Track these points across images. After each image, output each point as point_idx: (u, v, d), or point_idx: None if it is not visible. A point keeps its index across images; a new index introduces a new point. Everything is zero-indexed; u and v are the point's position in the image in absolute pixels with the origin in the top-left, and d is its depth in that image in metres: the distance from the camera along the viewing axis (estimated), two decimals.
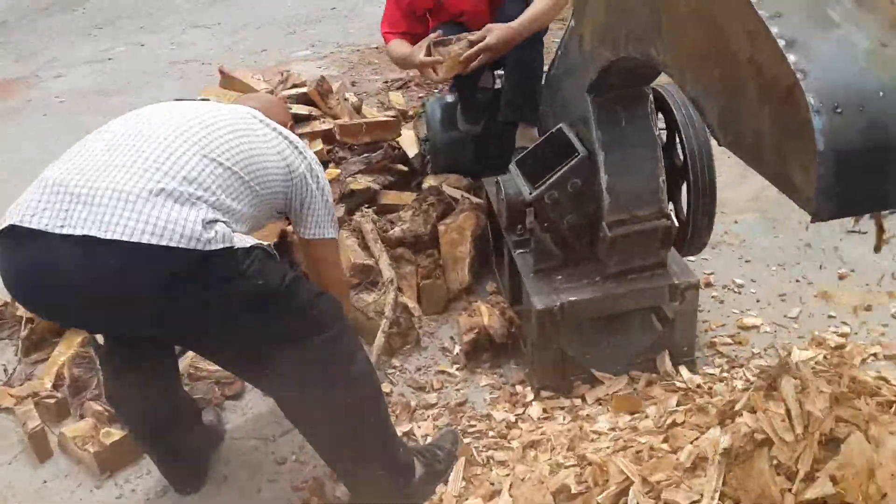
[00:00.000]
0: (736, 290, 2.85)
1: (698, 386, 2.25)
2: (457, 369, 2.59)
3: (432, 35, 2.79)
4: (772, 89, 1.02)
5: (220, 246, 1.52)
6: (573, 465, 1.71)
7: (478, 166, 3.37)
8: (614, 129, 2.21)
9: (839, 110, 0.91)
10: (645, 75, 2.12)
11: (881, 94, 0.91)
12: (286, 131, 1.93)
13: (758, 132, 1.09)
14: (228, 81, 3.98)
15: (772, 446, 1.33)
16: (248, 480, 2.24)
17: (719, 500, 1.26)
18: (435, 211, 3.11)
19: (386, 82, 5.21)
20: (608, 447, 1.78)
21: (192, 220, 1.50)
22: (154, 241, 1.46)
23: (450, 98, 3.49)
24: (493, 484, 1.99)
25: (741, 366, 2.41)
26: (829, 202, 0.93)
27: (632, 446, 1.73)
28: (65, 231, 1.48)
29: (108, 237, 1.45)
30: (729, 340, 2.57)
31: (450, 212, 3.13)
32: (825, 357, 2.24)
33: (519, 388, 2.46)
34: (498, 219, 2.74)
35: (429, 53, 2.74)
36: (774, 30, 0.99)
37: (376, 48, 5.84)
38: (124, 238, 1.45)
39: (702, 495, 1.31)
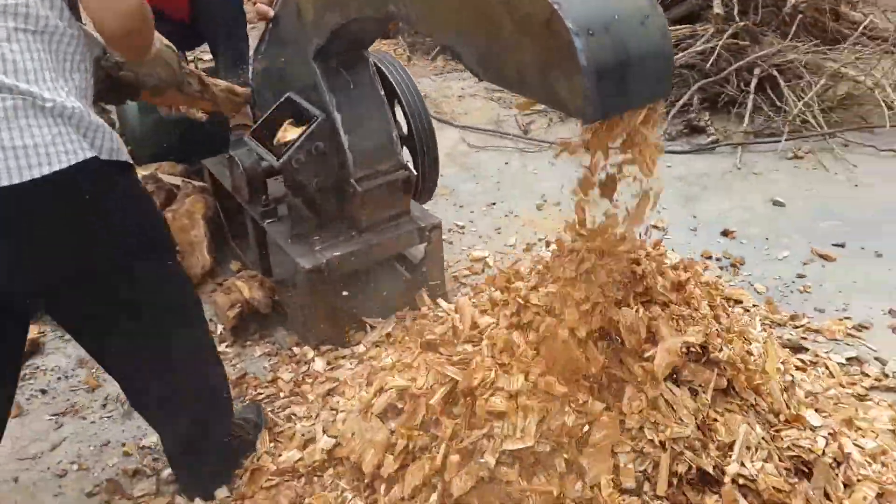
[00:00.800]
0: (459, 231, 3.22)
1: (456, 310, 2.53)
2: (227, 347, 2.59)
3: None
4: (530, 23, 1.26)
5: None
6: (383, 391, 1.87)
7: (186, 151, 3.29)
8: (344, 91, 2.38)
9: (591, 32, 1.18)
10: (367, 38, 2.31)
11: (616, 17, 1.20)
12: None
13: (520, 63, 1.34)
14: None
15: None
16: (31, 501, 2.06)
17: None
18: (157, 199, 3.01)
19: None
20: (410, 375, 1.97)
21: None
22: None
23: None
24: (303, 435, 2.09)
25: (482, 291, 2.75)
26: (592, 108, 1.21)
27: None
28: None
29: None
30: (467, 272, 2.91)
31: (173, 199, 3.06)
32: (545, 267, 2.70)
33: (296, 349, 2.55)
34: (235, 195, 2.76)
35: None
36: None
37: None
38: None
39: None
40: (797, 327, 2.45)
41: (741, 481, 1.47)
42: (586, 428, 1.45)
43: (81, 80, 1.49)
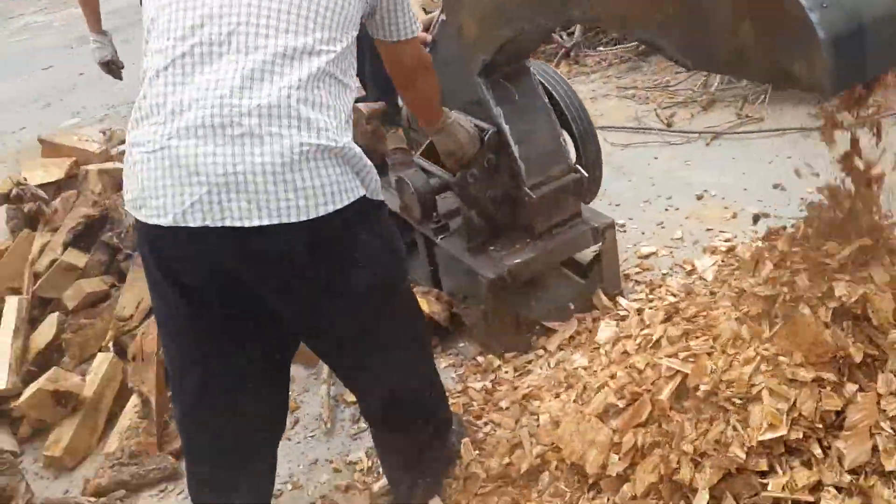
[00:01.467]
0: (621, 230, 3.18)
1: (638, 310, 2.52)
2: None
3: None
4: (754, 4, 1.26)
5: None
6: (600, 388, 1.88)
7: None
8: (511, 103, 2.42)
9: (825, 5, 1.17)
10: (531, 48, 2.35)
11: None
12: None
13: (737, 45, 1.33)
14: (54, 148, 3.73)
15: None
16: None
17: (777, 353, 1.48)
18: None
19: None
20: (610, 372, 1.98)
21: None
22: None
23: None
24: (507, 441, 2.13)
25: (659, 286, 2.72)
26: (833, 80, 1.19)
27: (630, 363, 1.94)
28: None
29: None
30: (638, 269, 2.89)
31: None
32: (723, 260, 2.64)
33: (480, 359, 2.60)
34: (404, 215, 2.85)
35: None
36: None
37: None
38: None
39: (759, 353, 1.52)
40: None
41: None
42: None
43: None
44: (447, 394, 2.48)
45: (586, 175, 2.53)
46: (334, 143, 1.47)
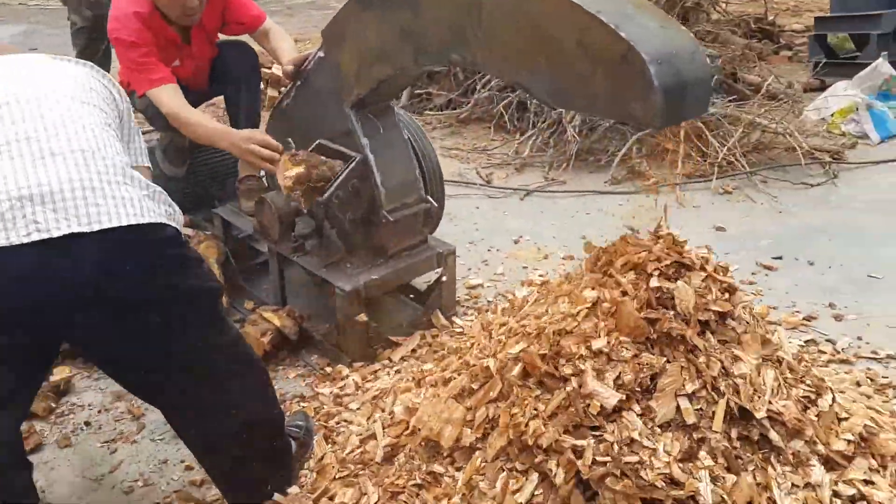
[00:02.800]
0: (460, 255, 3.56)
1: (471, 326, 2.87)
2: None
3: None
4: (604, 58, 1.68)
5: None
6: (453, 375, 2.17)
7: (191, 204, 3.55)
8: (376, 136, 2.73)
9: (660, 62, 1.61)
10: (403, 87, 2.69)
11: (675, 52, 1.63)
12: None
13: (592, 90, 1.75)
14: None
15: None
16: None
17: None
18: None
19: None
20: (460, 364, 2.28)
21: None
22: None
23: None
24: (359, 435, 2.34)
25: (486, 310, 3.10)
26: (661, 119, 1.62)
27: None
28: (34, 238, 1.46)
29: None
30: (468, 297, 3.26)
31: None
32: (538, 291, 3.09)
33: (329, 369, 2.79)
34: (262, 237, 3.01)
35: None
36: (604, 19, 1.65)
37: None
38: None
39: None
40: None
41: (770, 415, 1.88)
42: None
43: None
44: (298, 399, 2.66)
45: (435, 205, 2.88)
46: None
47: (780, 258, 3.47)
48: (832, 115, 5.00)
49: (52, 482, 2.33)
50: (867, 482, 1.95)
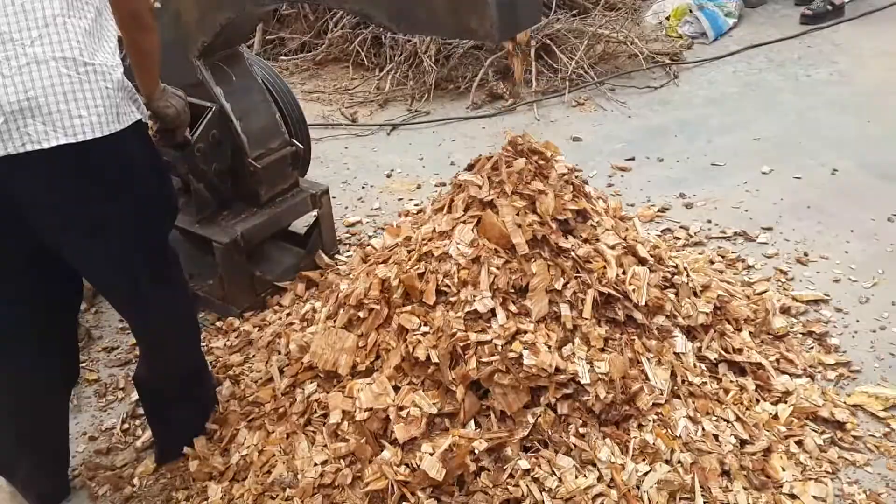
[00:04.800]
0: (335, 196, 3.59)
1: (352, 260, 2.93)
2: None
3: None
4: None
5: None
6: (340, 305, 2.25)
7: None
8: (229, 83, 2.70)
9: None
10: (247, 32, 2.65)
11: None
12: None
13: (432, 11, 1.81)
14: None
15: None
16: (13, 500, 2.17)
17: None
18: None
19: None
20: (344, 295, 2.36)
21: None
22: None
23: None
24: (257, 381, 2.40)
25: (367, 245, 3.17)
26: (500, 32, 1.72)
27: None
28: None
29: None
30: (348, 235, 3.32)
31: None
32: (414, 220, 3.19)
33: (220, 323, 2.80)
34: None
35: None
36: None
37: None
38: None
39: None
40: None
41: (631, 297, 2.07)
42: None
43: None
44: None
45: (301, 147, 2.89)
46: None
47: (632, 159, 3.71)
48: (667, 18, 5.29)
49: None
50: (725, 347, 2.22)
